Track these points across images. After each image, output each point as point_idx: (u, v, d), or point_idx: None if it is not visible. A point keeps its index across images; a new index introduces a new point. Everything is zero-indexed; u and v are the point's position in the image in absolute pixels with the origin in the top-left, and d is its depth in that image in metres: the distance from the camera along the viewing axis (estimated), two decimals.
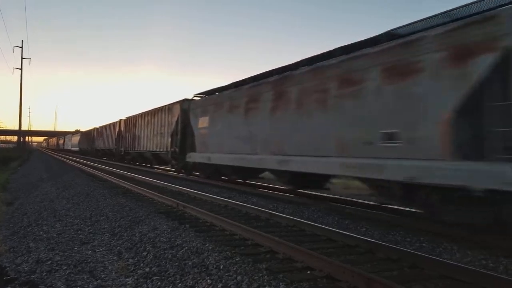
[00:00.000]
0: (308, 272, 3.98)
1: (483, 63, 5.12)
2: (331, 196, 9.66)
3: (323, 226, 5.87)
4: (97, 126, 36.95)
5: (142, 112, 22.14)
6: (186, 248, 4.81)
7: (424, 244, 5.32)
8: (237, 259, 4.35)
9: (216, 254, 4.54)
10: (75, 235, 5.60)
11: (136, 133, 22.71)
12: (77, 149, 48.97)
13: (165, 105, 18.06)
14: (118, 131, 27.54)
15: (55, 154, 51.70)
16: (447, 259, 4.43)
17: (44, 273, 3.92)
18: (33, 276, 3.84)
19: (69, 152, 55.42)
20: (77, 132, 60.90)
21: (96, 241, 5.29)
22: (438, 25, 6.07)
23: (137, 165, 24.05)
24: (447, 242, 5.35)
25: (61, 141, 72.20)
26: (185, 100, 16.00)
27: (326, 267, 3.90)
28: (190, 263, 4.22)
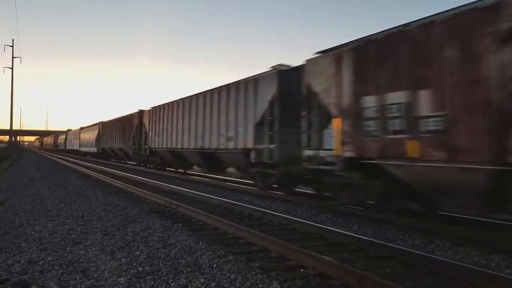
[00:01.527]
0: (301, 270, 4.00)
1: None
2: (323, 194, 9.68)
3: (316, 224, 5.90)
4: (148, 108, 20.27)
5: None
6: (179, 247, 4.80)
7: (416, 241, 5.37)
8: (230, 257, 4.36)
9: (209, 253, 4.54)
10: (67, 235, 5.57)
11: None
12: (94, 150, 32.93)
13: None
14: (272, 102, 10.13)
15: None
16: (439, 256, 4.47)
17: (36, 273, 3.89)
18: (25, 277, 3.80)
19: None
20: (75, 126, 50.98)
21: (89, 241, 5.26)
22: None
23: None
24: (439, 239, 5.40)
25: (60, 140, 57.15)
26: None
27: (319, 265, 3.92)
28: (183, 262, 4.22)
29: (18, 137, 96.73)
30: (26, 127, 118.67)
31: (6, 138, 75.88)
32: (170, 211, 7.56)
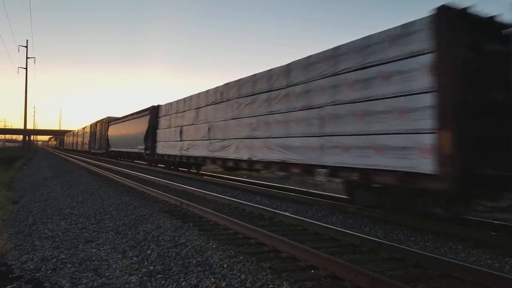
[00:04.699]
0: (312, 271, 3.98)
1: None
2: (335, 195, 9.64)
3: (327, 225, 5.87)
4: None
5: None
6: (190, 246, 4.83)
7: (428, 244, 5.31)
8: (240, 257, 4.36)
9: (220, 252, 4.56)
10: (80, 233, 5.63)
11: None
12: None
13: None
14: None
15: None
16: (452, 258, 4.42)
17: (49, 271, 3.95)
18: (38, 274, 3.86)
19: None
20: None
21: (101, 239, 5.32)
22: None
23: None
24: (451, 242, 5.33)
25: (114, 133, 28.25)
26: None
27: (330, 266, 3.90)
28: (194, 262, 4.23)
29: (32, 136, 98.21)
30: (39, 126, 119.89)
31: (20, 137, 75.91)
32: (181, 210, 7.60)
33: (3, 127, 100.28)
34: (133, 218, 6.69)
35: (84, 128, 45.92)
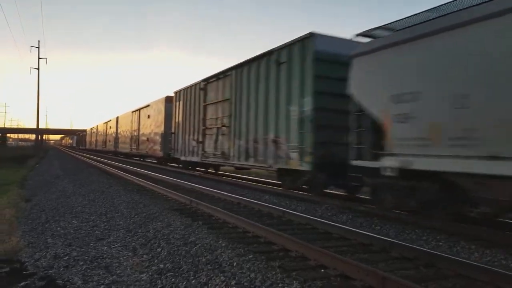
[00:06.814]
0: (322, 270, 3.96)
1: None
2: (344, 194, 9.58)
3: (336, 224, 5.83)
4: None
5: None
6: (200, 245, 4.84)
7: (440, 243, 5.24)
8: (250, 256, 4.36)
9: (229, 251, 4.56)
10: (91, 231, 5.69)
11: None
12: None
13: None
14: None
15: None
16: (465, 258, 4.36)
17: (62, 268, 3.99)
18: (50, 271, 3.90)
19: None
20: None
21: (112, 237, 5.36)
22: None
23: None
24: (464, 241, 5.26)
25: None
26: None
27: (340, 265, 3.87)
28: (203, 260, 4.24)
29: (44, 135, 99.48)
30: (51, 125, 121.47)
31: (32, 136, 76.52)
32: (190, 209, 7.62)
33: (16, 127, 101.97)
34: (143, 216, 6.73)
35: (136, 113, 26.04)
